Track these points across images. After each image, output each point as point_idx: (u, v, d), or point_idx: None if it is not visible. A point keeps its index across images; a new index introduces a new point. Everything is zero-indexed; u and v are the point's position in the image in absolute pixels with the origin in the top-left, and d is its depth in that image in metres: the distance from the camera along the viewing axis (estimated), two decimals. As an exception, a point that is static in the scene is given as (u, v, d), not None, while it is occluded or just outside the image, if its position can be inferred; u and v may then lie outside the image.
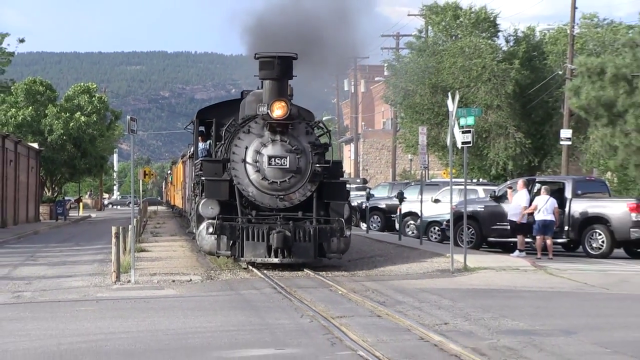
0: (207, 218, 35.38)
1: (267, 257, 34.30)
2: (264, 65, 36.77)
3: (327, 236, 35.49)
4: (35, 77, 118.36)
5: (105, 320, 25.44)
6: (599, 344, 20.49)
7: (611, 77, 78.84)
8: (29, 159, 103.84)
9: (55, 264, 45.70)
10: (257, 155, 35.81)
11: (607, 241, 47.24)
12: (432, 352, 19.33)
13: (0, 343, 21.38)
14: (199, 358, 19.04)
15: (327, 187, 37.63)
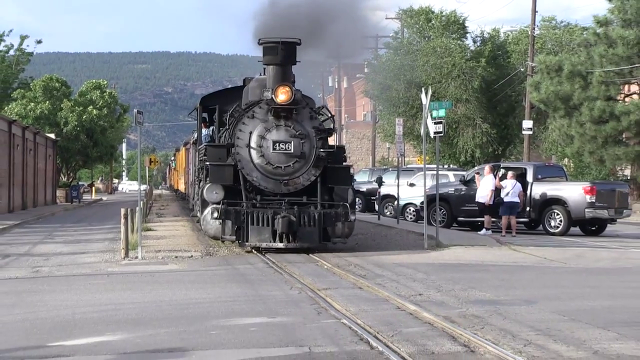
0: (211, 203, 32.65)
1: (272, 241, 31.66)
2: (268, 51, 34.10)
3: (332, 221, 32.74)
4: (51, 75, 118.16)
5: (115, 292, 25.48)
6: (556, 312, 20.47)
7: (568, 73, 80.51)
8: (47, 148, 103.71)
9: (70, 242, 45.63)
10: (262, 140, 33.19)
11: (565, 220, 47.81)
12: (408, 320, 19.32)
13: (21, 313, 21.43)
14: (199, 326, 18.99)
15: (331, 171, 34.72)
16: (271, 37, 34.30)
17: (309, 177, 33.30)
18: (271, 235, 31.74)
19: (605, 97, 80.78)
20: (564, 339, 17.17)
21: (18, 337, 18.02)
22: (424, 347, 16.19)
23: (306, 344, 16.56)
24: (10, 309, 22.25)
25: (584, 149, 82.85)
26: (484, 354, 15.88)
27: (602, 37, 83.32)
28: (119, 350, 16.47)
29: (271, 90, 32.26)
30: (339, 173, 34.75)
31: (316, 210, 32.29)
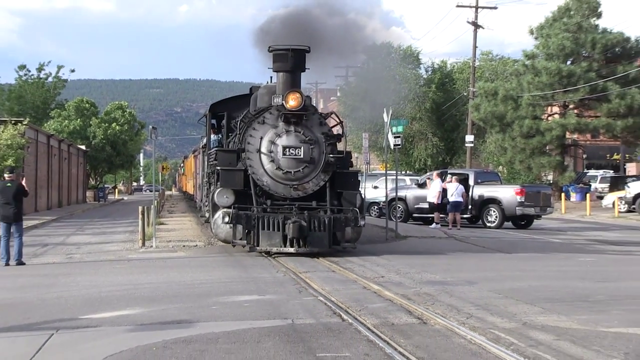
0: (222, 207, 28.28)
1: (282, 246, 27.51)
2: (278, 58, 29.91)
3: (342, 226, 28.45)
4: (82, 97, 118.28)
5: (133, 275, 25.44)
6: (493, 291, 20.47)
7: (502, 97, 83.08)
8: (78, 157, 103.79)
9: (97, 234, 45.56)
10: (272, 146, 28.89)
11: (499, 216, 48.27)
12: (373, 298, 19.29)
13: (58, 291, 21.43)
14: (203, 302, 18.96)
15: (340, 176, 30.20)
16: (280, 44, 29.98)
17: (318, 182, 29.20)
18: (282, 240, 27.62)
19: (532, 117, 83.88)
20: (498, 313, 17.18)
21: (55, 310, 18.00)
22: (385, 320, 16.18)
23: (290, 317, 16.56)
24: (48, 288, 22.25)
25: (515, 159, 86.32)
26: (434, 325, 15.87)
27: (530, 67, 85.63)
28: (137, 322, 16.45)
29: (281, 96, 28.58)
30: (347, 178, 30.56)
31: (326, 215, 28.20)
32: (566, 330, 15.61)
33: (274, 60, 30.20)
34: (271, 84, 31.93)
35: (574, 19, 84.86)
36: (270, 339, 14.56)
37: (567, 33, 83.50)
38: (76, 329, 15.91)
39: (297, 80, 29.96)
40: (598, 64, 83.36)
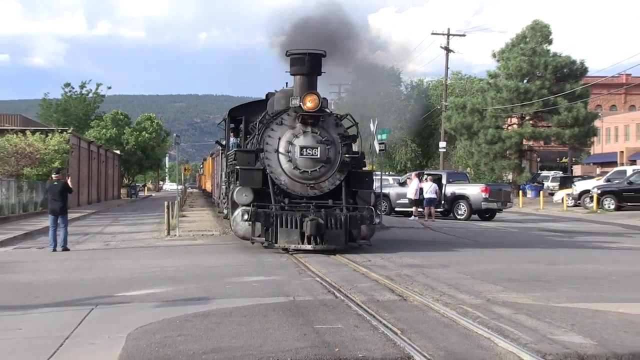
0: (241, 205, 25.80)
1: (300, 243, 24.91)
2: (295, 62, 27.59)
3: (357, 223, 25.88)
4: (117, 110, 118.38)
5: (160, 259, 25.43)
6: (462, 273, 20.44)
7: (469, 110, 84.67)
8: (114, 160, 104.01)
9: (129, 225, 45.56)
10: (289, 146, 26.45)
11: (467, 210, 48.54)
12: (361, 278, 19.28)
13: (96, 273, 21.48)
14: (218, 282, 18.94)
15: (354, 176, 27.69)
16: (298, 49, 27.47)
17: (334, 182, 26.58)
18: (299, 237, 24.97)
19: (495, 126, 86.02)
20: (466, 291, 17.16)
21: (95, 289, 18.00)
22: (372, 297, 16.16)
23: (291, 295, 16.55)
24: (88, 270, 22.25)
25: (481, 162, 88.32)
26: (412, 301, 15.86)
27: (493, 85, 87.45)
28: (163, 299, 16.45)
29: (299, 98, 26.19)
30: (361, 177, 27.96)
31: (342, 213, 25.60)
32: (523, 306, 15.62)
33: (291, 64, 27.81)
34: (287, 88, 29.51)
35: (529, 44, 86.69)
36: (275, 313, 14.56)
37: (524, 56, 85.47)
38: (112, 304, 15.93)
39: (314, 83, 27.54)
40: (549, 82, 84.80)
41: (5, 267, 23.28)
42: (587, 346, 11.98)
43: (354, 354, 11.37)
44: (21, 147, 52.11)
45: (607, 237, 34.90)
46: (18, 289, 18.40)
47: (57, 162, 51.55)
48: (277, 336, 12.56)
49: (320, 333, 12.70)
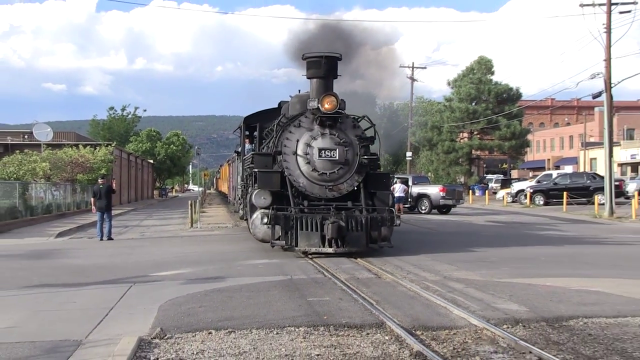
0: (259, 207, 21.79)
1: (321, 247, 20.83)
2: (312, 65, 23.30)
3: (378, 225, 21.68)
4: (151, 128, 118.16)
5: (185, 246, 25.34)
6: (425, 255, 20.46)
7: (430, 126, 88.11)
8: (148, 168, 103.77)
9: (160, 219, 45.44)
10: (308, 148, 22.25)
11: (429, 206, 48.12)
12: (344, 260, 19.26)
13: (134, 258, 21.46)
14: (231, 264, 18.93)
15: (372, 177, 23.43)
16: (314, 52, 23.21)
17: (352, 183, 22.27)
18: (320, 240, 20.69)
19: (450, 140, 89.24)
20: (428, 270, 17.16)
21: (133, 270, 17.98)
22: (353, 275, 16.15)
23: (289, 274, 16.54)
24: (128, 255, 22.19)
25: (439, 167, 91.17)
26: (385, 279, 15.88)
27: (448, 107, 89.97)
28: (187, 277, 16.44)
29: (317, 100, 22.03)
30: (379, 179, 23.71)
31: (362, 215, 21.36)
32: (472, 281, 15.66)
33: (307, 67, 23.36)
34: (302, 94, 25.14)
35: (476, 75, 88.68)
36: (276, 288, 14.57)
37: (472, 84, 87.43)
38: (147, 282, 15.92)
39: (330, 86, 23.12)
40: (492, 104, 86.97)
41: (63, 253, 23.28)
42: (521, 312, 12.05)
43: (339, 321, 11.39)
44: (75, 157, 52.10)
45: (538, 226, 34.90)
46: (73, 270, 18.40)
47: (103, 170, 51.55)
48: (277, 307, 12.58)
49: (312, 304, 12.74)
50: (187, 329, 10.89)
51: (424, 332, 10.76)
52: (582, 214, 42.96)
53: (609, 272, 17.23)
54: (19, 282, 16.33)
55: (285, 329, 10.87)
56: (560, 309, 12.37)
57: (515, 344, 9.99)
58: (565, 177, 59.55)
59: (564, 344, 10.08)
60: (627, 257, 20.92)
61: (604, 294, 13.88)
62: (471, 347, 9.99)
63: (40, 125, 49.19)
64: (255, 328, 10.91)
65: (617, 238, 27.80)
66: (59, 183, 47.07)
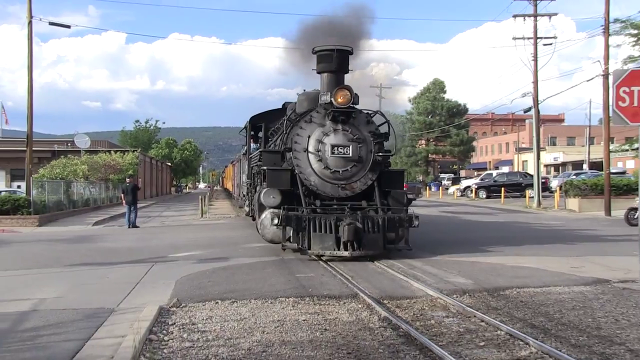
0: (269, 207, 17.61)
1: (335, 249, 16.46)
2: (322, 59, 18.87)
3: (396, 226, 17.32)
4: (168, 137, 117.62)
5: (196, 233, 25.23)
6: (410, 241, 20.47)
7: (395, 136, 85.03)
8: (167, 170, 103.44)
9: (176, 211, 45.32)
10: (319, 144, 18.12)
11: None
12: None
13: (156, 242, 21.31)
14: (233, 247, 18.90)
15: (386, 175, 19.12)
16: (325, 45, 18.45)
17: (366, 182, 18.00)
18: (335, 243, 16.33)
19: (411, 146, 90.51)
20: (392, 253, 17.11)
21: (155, 252, 17.93)
22: (332, 255, 16.14)
23: (280, 255, 16.50)
24: (150, 240, 22.11)
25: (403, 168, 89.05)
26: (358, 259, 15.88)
27: (409, 119, 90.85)
28: (198, 258, 16.41)
29: (329, 93, 17.72)
30: (394, 177, 19.16)
31: (379, 216, 16.93)
32: (429, 260, 15.72)
33: (318, 62, 18.78)
34: (310, 91, 20.44)
35: (432, 93, 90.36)
36: (270, 266, 14.58)
37: (428, 101, 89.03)
38: (166, 262, 15.90)
39: (341, 81, 18.63)
40: (445, 117, 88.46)
41: (98, 238, 23.18)
42: (467, 284, 12.10)
43: (321, 292, 11.41)
44: (108, 161, 52.05)
45: (481, 215, 34.99)
46: (106, 252, 18.34)
47: (130, 171, 51.35)
48: (271, 282, 12.58)
49: (299, 279, 12.76)
50: (198, 299, 10.89)
51: (390, 301, 10.80)
52: (516, 205, 43.09)
53: (537, 252, 17.32)
54: (64, 261, 16.34)
55: (277, 299, 10.89)
56: (498, 281, 12.45)
57: (463, 310, 10.05)
58: (502, 176, 59.71)
59: (501, 309, 10.15)
60: (550, 238, 21.03)
61: (533, 269, 13.99)
62: (428, 313, 10.04)
63: (80, 135, 48.99)
64: (253, 298, 10.93)
65: (543, 224, 27.92)
66: (95, 182, 47.04)
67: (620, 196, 35.32)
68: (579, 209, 36.38)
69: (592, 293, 11.50)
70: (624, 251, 16.78)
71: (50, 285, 12.52)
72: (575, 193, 37.68)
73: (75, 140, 48.80)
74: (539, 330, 8.80)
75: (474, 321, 9.37)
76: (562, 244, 19.59)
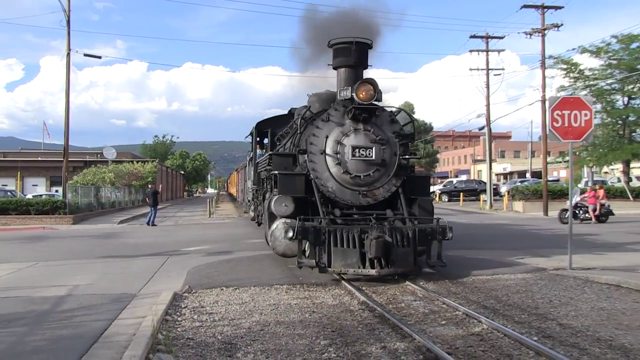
0: (280, 216, 12.78)
1: (360, 267, 11.29)
2: (339, 53, 13.75)
3: (428, 239, 11.95)
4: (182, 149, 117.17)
5: (205, 230, 25.13)
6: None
7: None
8: (180, 177, 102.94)
9: (189, 211, 45.10)
10: (338, 146, 12.97)
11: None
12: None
13: (171, 238, 21.14)
14: (236, 243, 18.82)
15: (412, 181, 13.86)
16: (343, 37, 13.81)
17: (389, 188, 13.31)
18: (359, 259, 11.49)
19: None
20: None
21: (170, 246, 17.85)
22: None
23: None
24: (166, 236, 21.97)
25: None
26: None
27: None
28: (206, 252, 16.35)
29: (351, 88, 13.11)
30: (419, 182, 14.23)
31: (409, 227, 12.08)
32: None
33: (334, 56, 13.96)
34: (321, 92, 15.69)
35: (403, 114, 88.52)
36: (268, 259, 14.53)
37: None
38: (179, 255, 15.83)
39: (360, 78, 13.57)
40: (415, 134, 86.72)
41: (122, 234, 23.08)
42: (432, 273, 12.06)
43: (310, 281, 11.41)
44: (131, 170, 51.95)
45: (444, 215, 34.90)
46: (129, 246, 18.26)
47: (150, 178, 51.24)
48: (269, 272, 12.55)
49: (292, 270, 12.72)
50: (207, 286, 10.87)
51: (368, 288, 10.80)
52: (473, 207, 43.19)
53: (490, 245, 17.32)
54: (94, 254, 16.26)
55: (273, 287, 10.88)
56: (458, 270, 12.47)
57: (428, 295, 10.08)
58: (461, 183, 59.80)
59: (459, 294, 10.20)
60: (500, 235, 21.08)
61: (486, 260, 13.99)
62: (399, 297, 10.07)
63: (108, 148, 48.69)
64: (253, 286, 10.91)
65: (495, 223, 28.01)
66: (120, 187, 46.90)
67: (555, 199, 35.94)
68: (523, 210, 36.67)
69: (532, 279, 11.61)
70: (558, 244, 16.89)
71: (83, 274, 12.48)
72: (520, 197, 38.02)
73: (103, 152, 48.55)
74: (490, 310, 8.86)
75: (437, 304, 9.41)
76: (510, 239, 19.67)
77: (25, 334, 7.52)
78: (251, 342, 7.24)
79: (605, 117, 40.05)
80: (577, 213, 27.26)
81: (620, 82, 39.09)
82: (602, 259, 14.18)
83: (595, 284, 11.06)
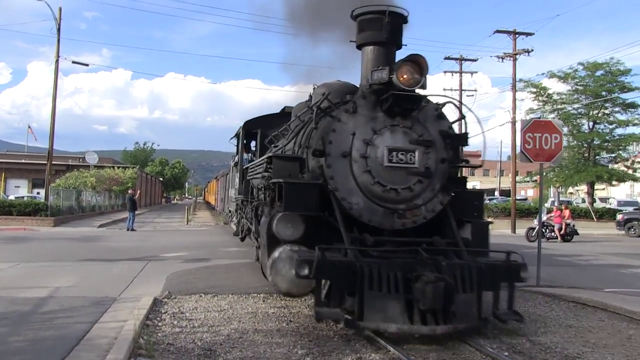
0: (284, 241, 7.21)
1: (407, 322, 6.35)
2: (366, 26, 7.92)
3: (496, 281, 7.24)
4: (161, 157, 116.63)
5: (183, 237, 24.99)
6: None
7: None
8: (159, 183, 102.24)
9: (166, 218, 44.79)
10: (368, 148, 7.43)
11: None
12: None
13: (150, 243, 21.01)
14: (214, 250, 18.75)
15: (461, 198, 8.14)
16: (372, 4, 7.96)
17: (433, 206, 7.86)
18: (405, 311, 6.55)
19: None
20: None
21: (149, 251, 17.71)
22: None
23: (252, 258, 16.39)
24: (145, 242, 21.80)
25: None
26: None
27: None
28: (185, 258, 16.27)
29: (389, 68, 7.27)
30: (472, 201, 8.35)
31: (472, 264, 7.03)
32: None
33: (359, 30, 8.57)
34: (331, 82, 10.20)
35: None
36: (244, 267, 14.49)
37: None
38: (158, 260, 15.72)
39: (393, 60, 8.32)
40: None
41: (103, 239, 22.83)
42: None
43: (286, 289, 11.41)
44: (112, 175, 51.61)
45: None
46: (109, 250, 18.08)
47: (130, 184, 50.90)
48: (245, 280, 12.51)
49: (268, 278, 12.71)
50: (186, 292, 10.79)
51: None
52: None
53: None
54: (75, 256, 16.10)
55: (250, 295, 10.83)
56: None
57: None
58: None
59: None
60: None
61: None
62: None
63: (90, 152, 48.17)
64: (231, 293, 10.85)
65: (464, 239, 28.16)
66: (101, 191, 46.56)
67: (522, 218, 36.31)
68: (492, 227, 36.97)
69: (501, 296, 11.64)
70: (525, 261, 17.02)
71: (64, 276, 12.34)
72: (489, 214, 38.31)
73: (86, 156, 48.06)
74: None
75: (409, 317, 9.39)
76: (479, 255, 19.80)
77: (7, 334, 7.41)
78: (230, 349, 7.20)
79: (572, 140, 40.72)
80: (543, 232, 27.57)
81: (586, 107, 39.87)
82: (568, 277, 14.36)
83: (563, 301, 11.17)
